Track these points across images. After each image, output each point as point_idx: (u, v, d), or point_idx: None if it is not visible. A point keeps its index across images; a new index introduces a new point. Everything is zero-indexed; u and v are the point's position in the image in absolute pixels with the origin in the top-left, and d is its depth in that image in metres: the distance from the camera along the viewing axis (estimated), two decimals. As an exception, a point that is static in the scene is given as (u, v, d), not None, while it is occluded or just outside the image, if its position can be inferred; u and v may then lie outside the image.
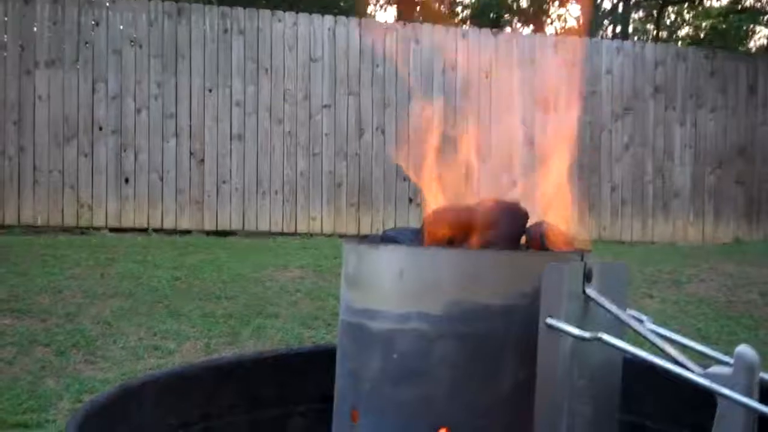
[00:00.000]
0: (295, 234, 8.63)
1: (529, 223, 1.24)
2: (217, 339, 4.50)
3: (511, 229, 1.19)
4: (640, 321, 1.19)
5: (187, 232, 8.31)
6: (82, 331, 4.46)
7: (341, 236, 8.47)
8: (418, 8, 16.11)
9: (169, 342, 4.41)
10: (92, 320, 4.65)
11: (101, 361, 4.08)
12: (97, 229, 8.07)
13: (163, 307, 5.01)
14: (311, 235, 8.64)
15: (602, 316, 1.12)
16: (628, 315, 1.15)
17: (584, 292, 1.10)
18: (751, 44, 18.01)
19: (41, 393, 3.63)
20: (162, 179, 8.32)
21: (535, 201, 1.27)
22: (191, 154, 8.41)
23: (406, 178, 8.37)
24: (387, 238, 1.23)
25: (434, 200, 1.30)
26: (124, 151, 8.22)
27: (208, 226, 8.44)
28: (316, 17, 8.91)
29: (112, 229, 8.10)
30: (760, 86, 10.17)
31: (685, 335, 1.25)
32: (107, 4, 8.54)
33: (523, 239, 1.23)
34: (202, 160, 8.44)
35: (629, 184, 9.73)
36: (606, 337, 1.05)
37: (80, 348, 4.21)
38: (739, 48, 14.87)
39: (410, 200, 8.86)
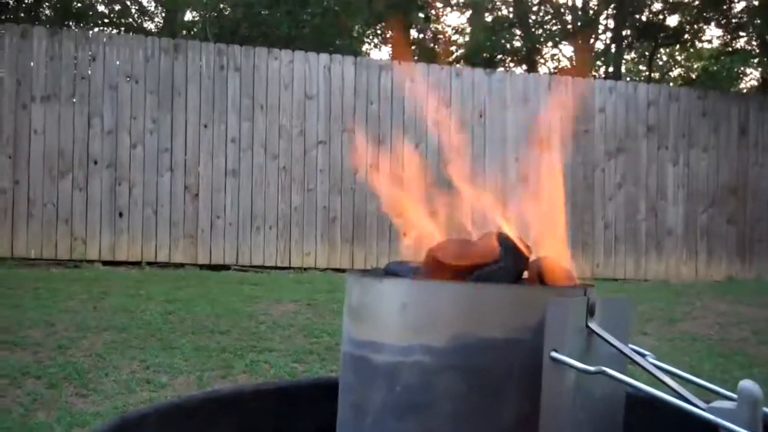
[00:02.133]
0: (289, 268, 8.63)
1: (531, 258, 1.25)
2: (210, 373, 4.48)
3: (513, 264, 1.19)
4: (643, 355, 1.20)
5: (181, 265, 8.30)
6: (74, 364, 4.43)
7: (335, 270, 8.48)
8: (413, 47, 16.26)
9: (162, 375, 4.38)
10: (84, 353, 4.62)
11: (93, 394, 4.05)
12: (91, 262, 8.06)
13: (156, 340, 4.99)
14: (305, 269, 8.63)
15: (605, 350, 1.13)
16: (630, 349, 1.15)
17: (587, 326, 1.11)
18: (742, 85, 18.21)
19: (32, 426, 3.59)
20: (156, 213, 8.32)
21: (530, 237, 1.28)
22: (186, 188, 8.43)
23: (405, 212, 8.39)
24: (390, 271, 1.23)
25: (424, 237, 1.31)
26: (119, 185, 8.24)
27: (202, 260, 8.43)
28: (312, 55, 8.99)
29: (106, 263, 8.09)
30: (751, 126, 10.26)
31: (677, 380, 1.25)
32: (104, 39, 8.62)
33: (526, 274, 1.24)
34: (197, 195, 8.46)
35: (622, 222, 9.77)
36: (609, 371, 1.05)
37: (72, 381, 4.18)
38: (731, 89, 15.02)
39: (404, 235, 8.85)
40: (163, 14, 16.10)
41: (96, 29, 14.12)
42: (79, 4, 14.58)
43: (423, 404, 1.10)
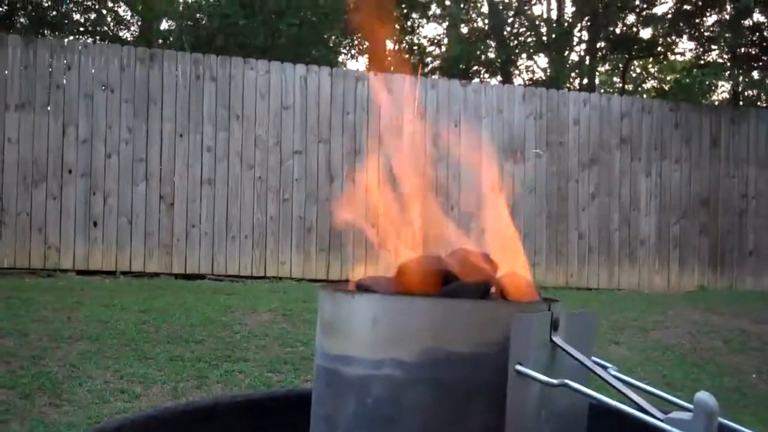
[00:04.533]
0: (264, 278, 8.63)
1: (499, 273, 1.29)
2: (184, 383, 4.49)
3: (481, 279, 1.23)
4: (605, 368, 1.24)
5: (156, 275, 8.28)
6: (48, 374, 4.43)
7: (311, 281, 8.48)
8: (389, 58, 16.31)
9: (136, 385, 4.38)
10: (58, 363, 4.62)
11: (66, 404, 4.05)
12: (65, 271, 8.02)
13: (130, 350, 4.99)
14: (280, 279, 8.64)
15: (569, 363, 1.17)
16: (592, 362, 1.19)
17: (551, 340, 1.15)
18: (714, 97, 18.44)
19: (6, 438, 3.59)
20: (131, 223, 8.30)
21: (490, 248, 1.32)
22: (161, 198, 8.42)
23: (374, 225, 8.42)
24: (362, 286, 1.27)
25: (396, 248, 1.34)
26: (93, 194, 8.21)
27: (177, 269, 8.41)
28: (288, 66, 9.01)
29: (80, 272, 8.05)
30: (722, 138, 10.40)
31: (650, 381, 1.29)
32: (80, 48, 8.59)
33: (493, 289, 1.28)
34: (172, 204, 8.44)
35: (596, 232, 9.86)
36: (572, 383, 1.09)
37: (46, 391, 4.18)
38: (703, 101, 15.20)
39: (378, 246, 8.88)
40: (139, 23, 16.05)
41: (71, 38, 14.05)
42: (54, 13, 14.51)
43: (393, 417, 1.14)
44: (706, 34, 15.20)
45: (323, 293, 1.26)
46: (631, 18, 16.29)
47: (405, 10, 16.47)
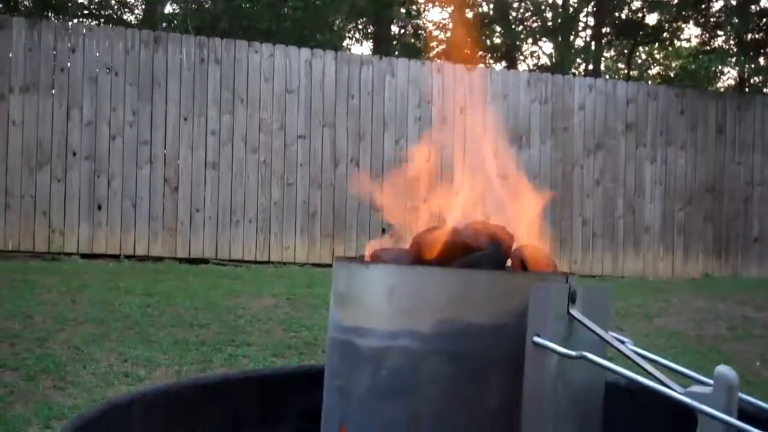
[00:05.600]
0: (268, 263, 8.62)
1: (514, 246, 1.27)
2: (188, 366, 4.48)
3: (497, 251, 1.21)
4: (622, 342, 1.22)
5: (160, 259, 8.27)
6: (52, 356, 4.42)
7: (315, 265, 8.47)
8: (394, 42, 16.27)
9: (140, 369, 4.37)
10: (62, 346, 4.61)
11: (71, 386, 4.04)
12: (69, 254, 8.01)
13: (135, 333, 4.98)
14: (284, 264, 8.63)
15: (586, 336, 1.15)
16: (610, 336, 1.18)
17: (569, 312, 1.13)
18: (720, 84, 18.37)
19: (9, 418, 3.58)
20: (135, 206, 8.29)
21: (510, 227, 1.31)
22: (165, 181, 8.40)
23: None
24: (377, 257, 1.25)
25: (409, 229, 1.33)
26: (98, 177, 8.19)
27: (181, 253, 8.40)
28: (293, 49, 8.97)
29: (84, 255, 8.04)
30: (728, 125, 10.36)
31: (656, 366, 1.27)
32: (84, 31, 8.56)
33: (510, 261, 1.26)
34: (176, 188, 8.43)
35: (600, 219, 9.84)
36: (590, 356, 1.08)
37: (50, 373, 4.17)
38: (709, 87, 15.15)
39: (383, 230, 8.88)
40: (144, 6, 16.00)
41: (76, 20, 14.00)
42: (58, -5, 14.46)
43: (408, 388, 1.12)
44: (712, 19, 15.14)
45: (338, 264, 1.24)
46: (636, 3, 16.23)
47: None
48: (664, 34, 16.80)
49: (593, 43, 16.73)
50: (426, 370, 1.12)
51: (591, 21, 17.07)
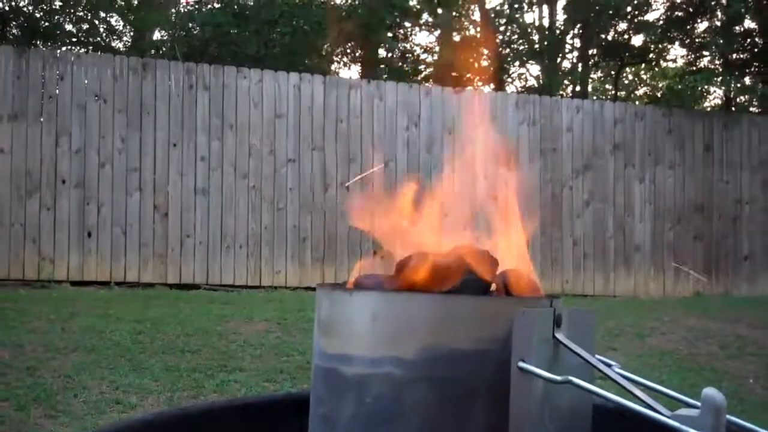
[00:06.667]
0: (259, 287, 8.60)
1: (499, 270, 1.27)
2: (180, 393, 4.45)
3: (482, 276, 1.21)
4: (609, 365, 1.22)
5: (150, 285, 8.24)
6: (43, 385, 4.38)
7: (306, 289, 8.45)
8: (382, 66, 16.34)
9: (132, 396, 4.34)
10: (53, 374, 4.57)
11: (62, 415, 4.01)
12: (59, 282, 7.97)
13: (126, 360, 4.94)
14: (276, 288, 8.61)
15: (572, 360, 1.15)
16: (596, 359, 1.17)
17: (554, 336, 1.13)
18: (706, 103, 18.49)
19: (0, 449, 3.55)
20: (125, 233, 8.26)
21: (496, 253, 1.31)
22: (155, 207, 8.39)
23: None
24: (360, 284, 1.25)
25: (397, 251, 1.33)
26: (87, 204, 8.17)
27: (172, 279, 8.38)
28: (281, 74, 9.00)
29: (74, 283, 8.01)
30: (715, 144, 10.42)
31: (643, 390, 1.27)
32: (72, 58, 8.57)
33: (494, 286, 1.26)
34: (166, 214, 8.41)
35: (591, 239, 9.85)
36: (576, 380, 1.07)
37: (41, 402, 4.13)
38: (695, 107, 15.24)
39: (374, 253, 8.86)
40: (132, 34, 16.03)
41: (64, 48, 14.02)
42: (46, 24, 14.48)
43: (393, 416, 1.11)
44: (697, 40, 15.27)
45: (321, 291, 1.24)
46: (622, 25, 16.34)
47: (398, 19, 16.45)
48: (651, 55, 16.92)
49: (580, 64, 16.83)
50: (410, 396, 1.11)
51: (577, 43, 17.18)
